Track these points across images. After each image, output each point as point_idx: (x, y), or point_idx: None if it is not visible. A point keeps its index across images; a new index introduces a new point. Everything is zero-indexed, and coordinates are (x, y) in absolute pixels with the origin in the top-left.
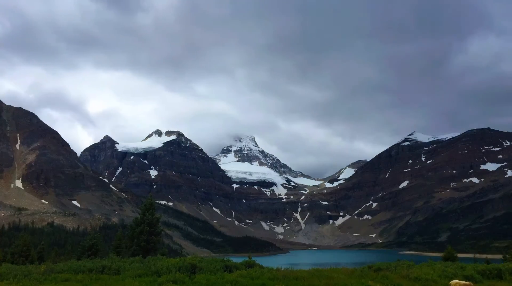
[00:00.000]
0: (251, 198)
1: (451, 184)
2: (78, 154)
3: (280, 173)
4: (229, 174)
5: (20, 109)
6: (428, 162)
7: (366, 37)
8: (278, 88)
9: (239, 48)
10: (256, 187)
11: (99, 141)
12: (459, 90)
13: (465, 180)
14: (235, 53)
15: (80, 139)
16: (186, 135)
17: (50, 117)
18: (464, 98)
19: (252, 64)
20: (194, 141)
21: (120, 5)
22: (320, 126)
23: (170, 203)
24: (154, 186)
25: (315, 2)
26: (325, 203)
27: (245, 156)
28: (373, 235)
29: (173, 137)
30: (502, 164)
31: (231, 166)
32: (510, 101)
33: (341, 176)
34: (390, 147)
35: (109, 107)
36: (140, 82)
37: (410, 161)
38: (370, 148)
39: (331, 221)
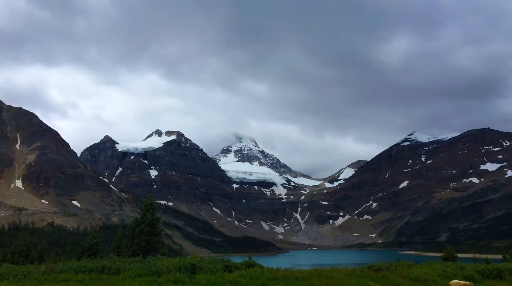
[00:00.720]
0: (251, 198)
1: (451, 184)
2: (78, 154)
3: (280, 173)
4: (229, 174)
5: (20, 109)
6: (428, 162)
7: (313, 34)
8: (237, 85)
9: (184, 42)
10: (256, 187)
11: (99, 141)
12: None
13: (465, 180)
14: (179, 48)
15: None
16: (186, 135)
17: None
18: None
19: (202, 59)
20: (194, 141)
21: (55, 6)
22: (291, 123)
23: (170, 203)
24: (154, 186)
25: None
26: (325, 203)
27: (245, 156)
28: (373, 235)
29: (173, 137)
30: (502, 164)
31: (231, 166)
32: (448, 98)
33: (341, 176)
34: (390, 147)
35: (56, 103)
36: (82, 79)
37: (410, 161)
38: (329, 142)
39: (331, 221)
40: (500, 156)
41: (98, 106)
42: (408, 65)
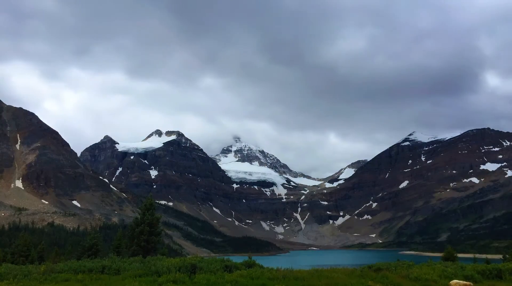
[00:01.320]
0: (251, 198)
1: (451, 184)
2: (78, 154)
3: (280, 173)
4: (229, 174)
5: (20, 109)
6: (428, 162)
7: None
8: (197, 82)
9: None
10: (256, 187)
11: (100, 141)
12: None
13: (465, 180)
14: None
15: None
16: (186, 135)
17: None
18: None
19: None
20: (194, 141)
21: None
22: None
23: (170, 203)
24: (154, 186)
25: None
26: (325, 203)
27: (245, 156)
28: (373, 235)
29: (173, 137)
30: (502, 164)
31: (231, 166)
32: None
33: (341, 176)
34: (390, 147)
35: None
36: (35, 76)
37: (410, 161)
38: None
39: (331, 221)
40: (500, 156)
41: (54, 102)
42: (365, 63)
